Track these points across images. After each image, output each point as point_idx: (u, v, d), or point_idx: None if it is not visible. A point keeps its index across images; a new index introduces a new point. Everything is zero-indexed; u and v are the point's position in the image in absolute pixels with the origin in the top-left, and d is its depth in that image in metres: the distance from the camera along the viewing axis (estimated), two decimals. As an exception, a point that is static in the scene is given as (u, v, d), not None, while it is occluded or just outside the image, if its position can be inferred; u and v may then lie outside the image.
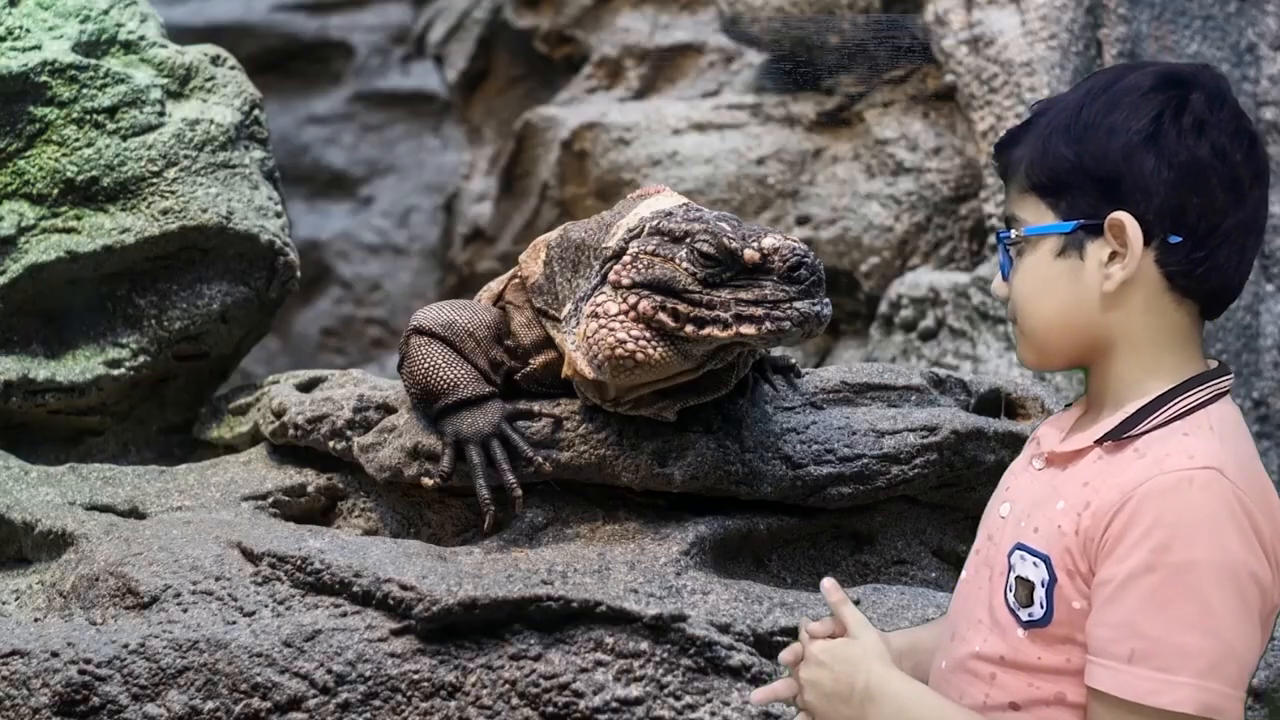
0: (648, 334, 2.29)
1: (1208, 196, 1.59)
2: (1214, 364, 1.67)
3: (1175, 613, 1.49)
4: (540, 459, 2.48)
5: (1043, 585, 1.60)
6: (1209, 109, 1.60)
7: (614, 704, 2.26)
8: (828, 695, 1.69)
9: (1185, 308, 1.64)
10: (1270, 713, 2.33)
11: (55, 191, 3.12)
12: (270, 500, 2.80)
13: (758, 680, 2.29)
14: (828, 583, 1.75)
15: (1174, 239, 1.60)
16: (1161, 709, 1.49)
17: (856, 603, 2.36)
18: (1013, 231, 1.70)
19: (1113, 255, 1.61)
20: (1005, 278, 1.74)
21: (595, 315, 2.34)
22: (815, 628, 1.75)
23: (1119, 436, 1.61)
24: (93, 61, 3.19)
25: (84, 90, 3.16)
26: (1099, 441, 1.63)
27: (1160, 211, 1.59)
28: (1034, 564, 1.62)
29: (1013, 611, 1.64)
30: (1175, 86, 1.62)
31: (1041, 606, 1.60)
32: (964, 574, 1.80)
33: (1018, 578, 1.63)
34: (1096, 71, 1.86)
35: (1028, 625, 1.62)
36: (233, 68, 3.46)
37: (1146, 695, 1.50)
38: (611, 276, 2.35)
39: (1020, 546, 1.64)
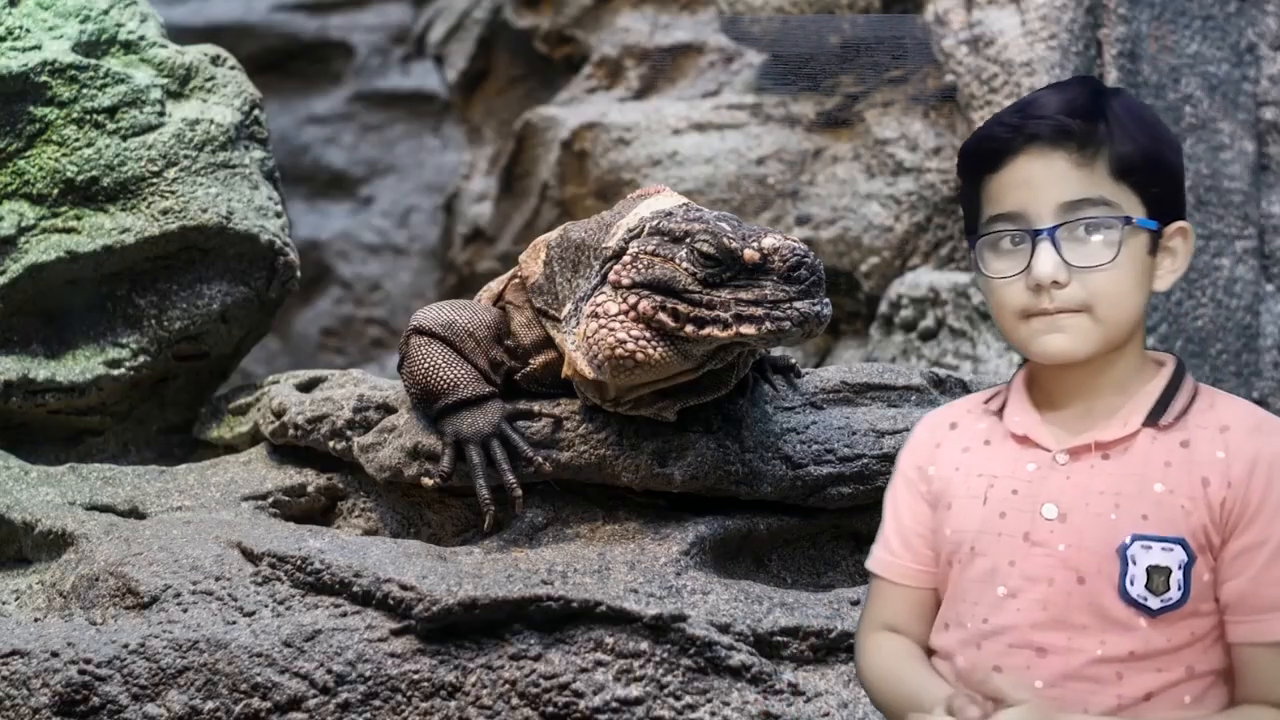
0: (648, 334, 2.29)
1: None
2: (1166, 356, 1.79)
3: None
4: (540, 459, 2.48)
5: (1180, 568, 1.64)
6: None
7: (614, 704, 2.26)
8: None
9: None
10: None
11: (55, 191, 3.12)
12: (270, 500, 2.80)
13: (758, 680, 2.29)
14: (959, 703, 1.61)
15: None
16: None
17: (855, 603, 2.38)
18: (1130, 218, 1.69)
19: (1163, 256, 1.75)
20: (1111, 261, 1.68)
21: (595, 315, 2.34)
22: (962, 706, 1.62)
23: (1169, 417, 1.69)
24: (93, 61, 3.19)
25: (84, 90, 3.16)
26: (1146, 424, 1.69)
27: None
28: (1165, 549, 1.65)
29: (1137, 603, 1.65)
30: None
31: (1180, 588, 1.64)
32: (1001, 589, 1.71)
33: (1149, 568, 1.65)
34: (1084, 76, 1.87)
35: (1160, 611, 1.65)
36: (233, 68, 3.46)
37: None
38: (611, 276, 2.35)
39: (1140, 538, 1.65)
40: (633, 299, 2.31)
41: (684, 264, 2.28)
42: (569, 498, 2.62)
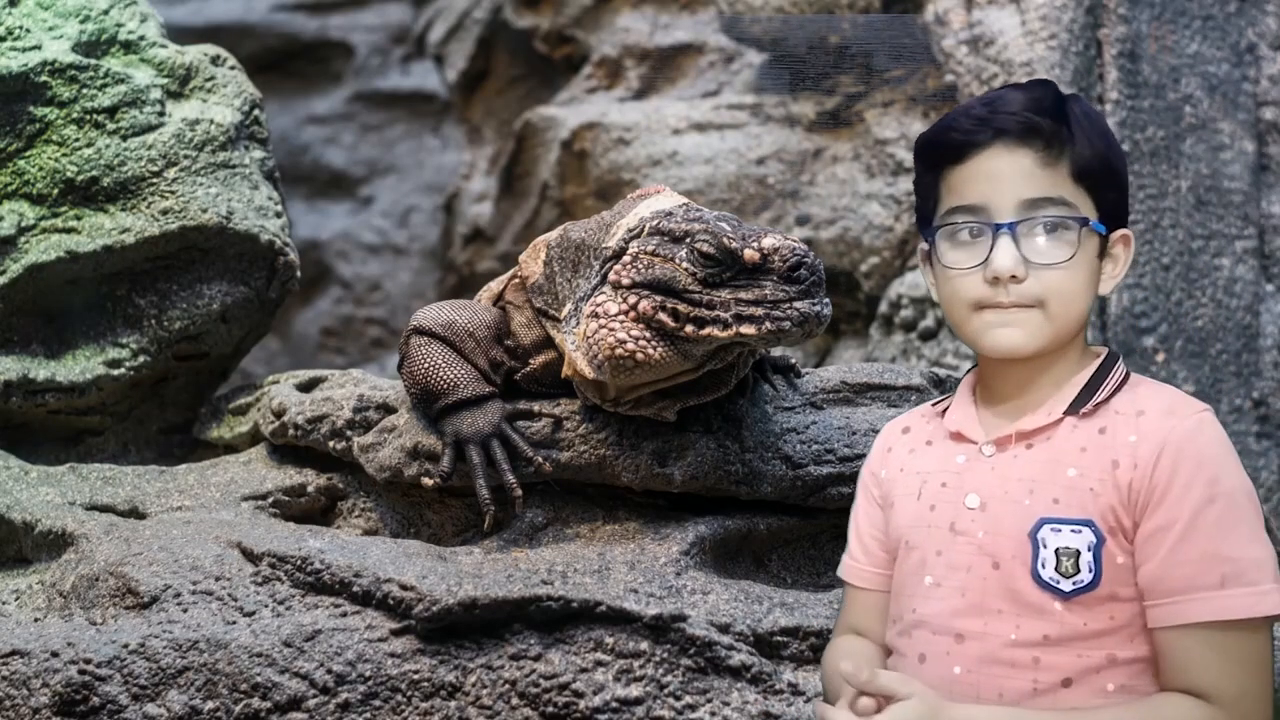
0: (648, 334, 2.29)
1: None
2: (1103, 350, 1.83)
3: (1242, 533, 1.63)
4: (540, 459, 2.48)
5: (1090, 549, 1.66)
6: None
7: (614, 704, 2.26)
8: None
9: None
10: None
11: (55, 191, 3.12)
12: (270, 500, 2.80)
13: (758, 680, 2.29)
14: (847, 668, 1.67)
15: None
16: (1264, 616, 1.63)
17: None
18: (1088, 220, 1.73)
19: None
20: (1070, 259, 1.71)
21: (595, 315, 2.34)
22: (864, 705, 1.66)
23: (1088, 403, 1.73)
24: (93, 61, 3.19)
25: (84, 90, 3.16)
26: (1068, 412, 1.73)
27: None
28: (1073, 531, 1.67)
29: (1049, 586, 1.66)
30: None
31: (1090, 570, 1.66)
32: (928, 579, 1.75)
33: (1058, 550, 1.67)
34: (1041, 79, 1.89)
35: (1072, 594, 1.66)
36: (233, 68, 3.46)
37: (1247, 610, 1.62)
38: (611, 276, 2.35)
39: (1048, 520, 1.67)
40: (633, 299, 2.31)
41: (684, 264, 2.28)
42: (569, 498, 2.62)
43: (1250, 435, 4.24)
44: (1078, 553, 1.66)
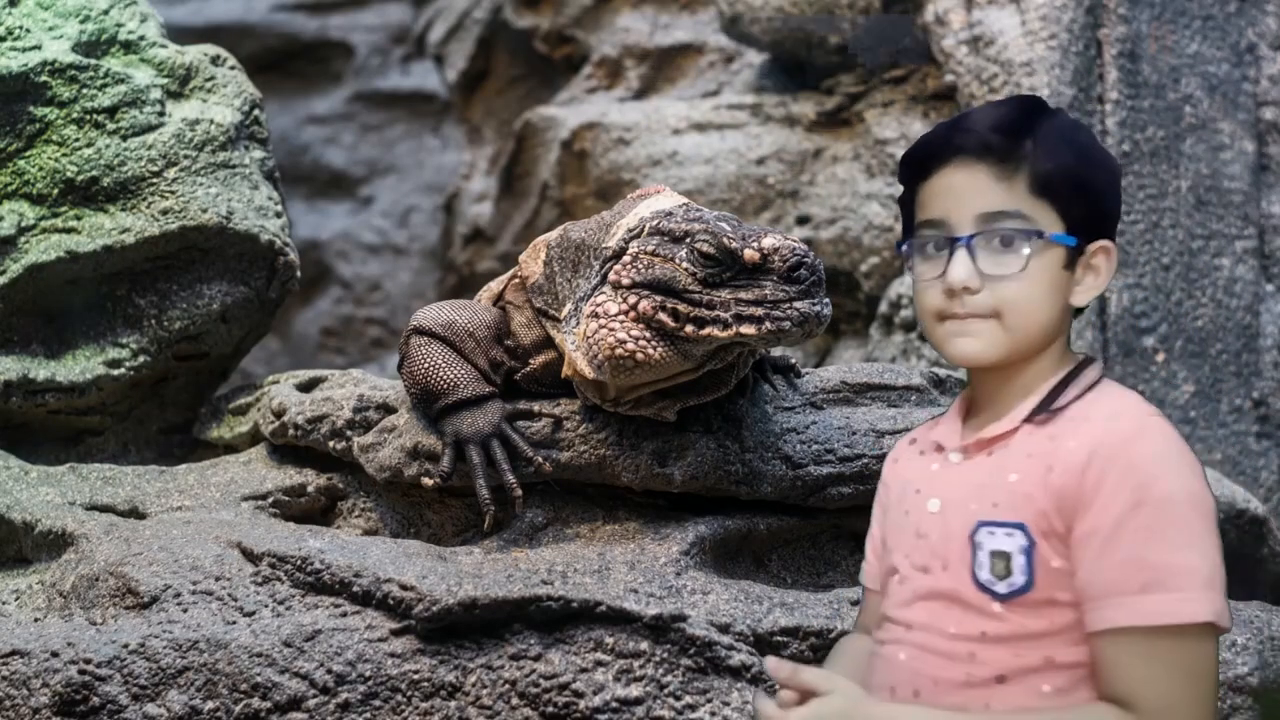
0: (648, 334, 2.29)
1: None
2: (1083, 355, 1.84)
3: (1170, 539, 1.63)
4: (540, 459, 2.48)
5: (1021, 552, 1.68)
6: None
7: (614, 704, 2.26)
8: None
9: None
10: (1262, 713, 2.33)
11: (55, 191, 3.12)
12: (270, 500, 2.80)
13: (758, 680, 2.29)
14: (771, 664, 1.72)
15: None
16: (1182, 624, 1.61)
17: (855, 603, 2.38)
18: (1043, 232, 1.75)
19: (1084, 272, 1.79)
20: (1020, 271, 1.74)
21: (595, 315, 2.34)
22: (784, 697, 1.72)
23: (1047, 410, 1.75)
24: (93, 61, 3.19)
25: (84, 90, 3.16)
26: (1027, 419, 1.75)
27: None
28: (1006, 534, 1.70)
29: (986, 588, 1.70)
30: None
31: (1023, 573, 1.68)
32: (895, 578, 1.81)
33: (992, 553, 1.70)
34: (1026, 95, 1.96)
35: (1008, 596, 1.68)
36: (233, 68, 3.46)
37: (1167, 616, 1.61)
38: (611, 276, 2.35)
39: (985, 524, 1.71)
40: (633, 299, 2.31)
41: (684, 264, 2.28)
42: (569, 498, 2.62)
43: (1250, 435, 4.24)
44: (1009, 555, 1.69)
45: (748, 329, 2.23)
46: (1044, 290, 1.76)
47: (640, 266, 2.32)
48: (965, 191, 1.77)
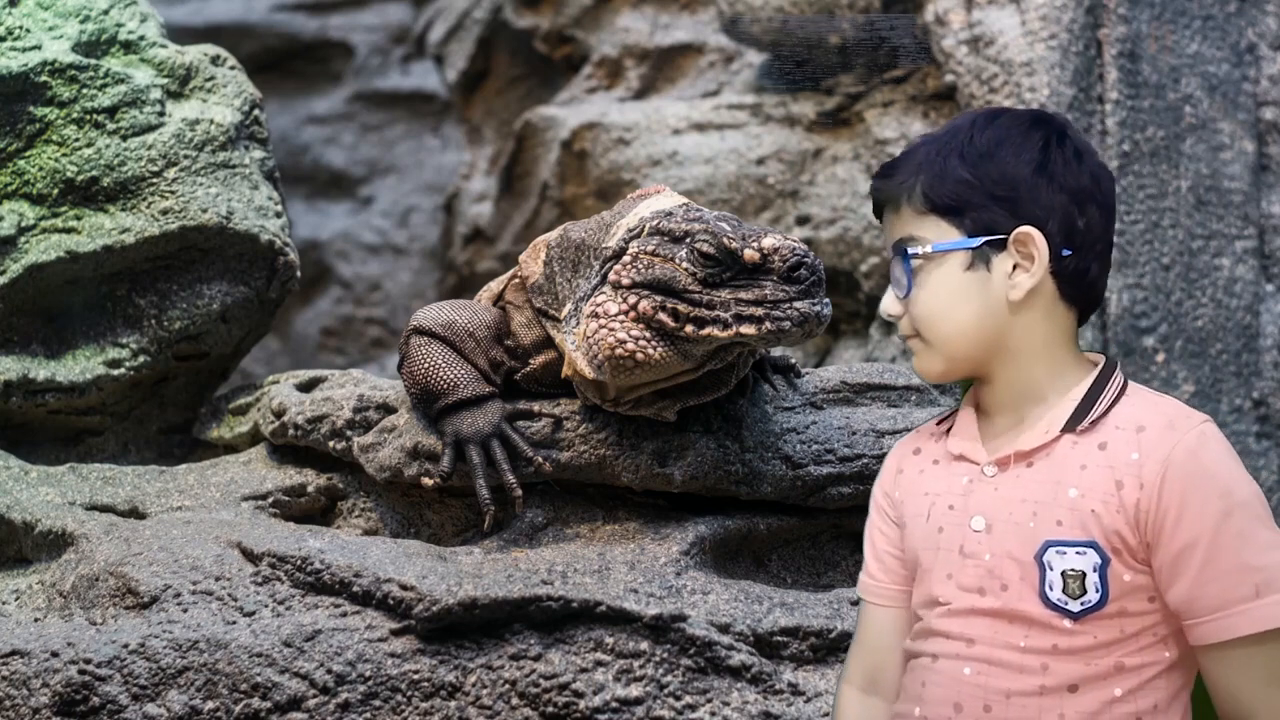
0: (648, 334, 2.29)
1: (1089, 216, 1.79)
2: (1099, 357, 1.84)
3: (1262, 540, 1.66)
4: (540, 459, 2.48)
5: (1095, 570, 1.69)
6: (1082, 144, 1.82)
7: (614, 704, 2.26)
8: None
9: (1071, 313, 1.81)
10: None
11: (55, 191, 3.12)
12: (270, 500, 2.80)
13: (758, 680, 2.29)
14: None
15: (1065, 252, 1.77)
16: None
17: (855, 602, 2.38)
18: (921, 249, 1.79)
19: (1014, 266, 1.77)
20: (906, 295, 1.82)
21: (595, 315, 2.34)
22: None
23: (1085, 419, 1.74)
24: (93, 61, 3.19)
25: (84, 90, 3.16)
26: (1066, 429, 1.75)
27: (1056, 228, 1.77)
28: (1078, 553, 1.70)
29: (1058, 607, 1.70)
30: (1049, 123, 1.81)
31: (1097, 590, 1.69)
32: (941, 601, 1.79)
33: (1064, 573, 1.70)
34: (967, 112, 2.02)
35: (1081, 614, 1.69)
36: (233, 68, 3.46)
37: None
38: (611, 276, 2.35)
39: (1053, 543, 1.71)
40: (633, 299, 2.31)
41: (684, 264, 2.28)
42: (569, 498, 2.62)
43: (1250, 435, 4.24)
44: (1084, 574, 1.69)
45: (748, 329, 2.23)
46: (946, 300, 1.79)
47: (640, 266, 2.32)
48: (886, 230, 1.87)
